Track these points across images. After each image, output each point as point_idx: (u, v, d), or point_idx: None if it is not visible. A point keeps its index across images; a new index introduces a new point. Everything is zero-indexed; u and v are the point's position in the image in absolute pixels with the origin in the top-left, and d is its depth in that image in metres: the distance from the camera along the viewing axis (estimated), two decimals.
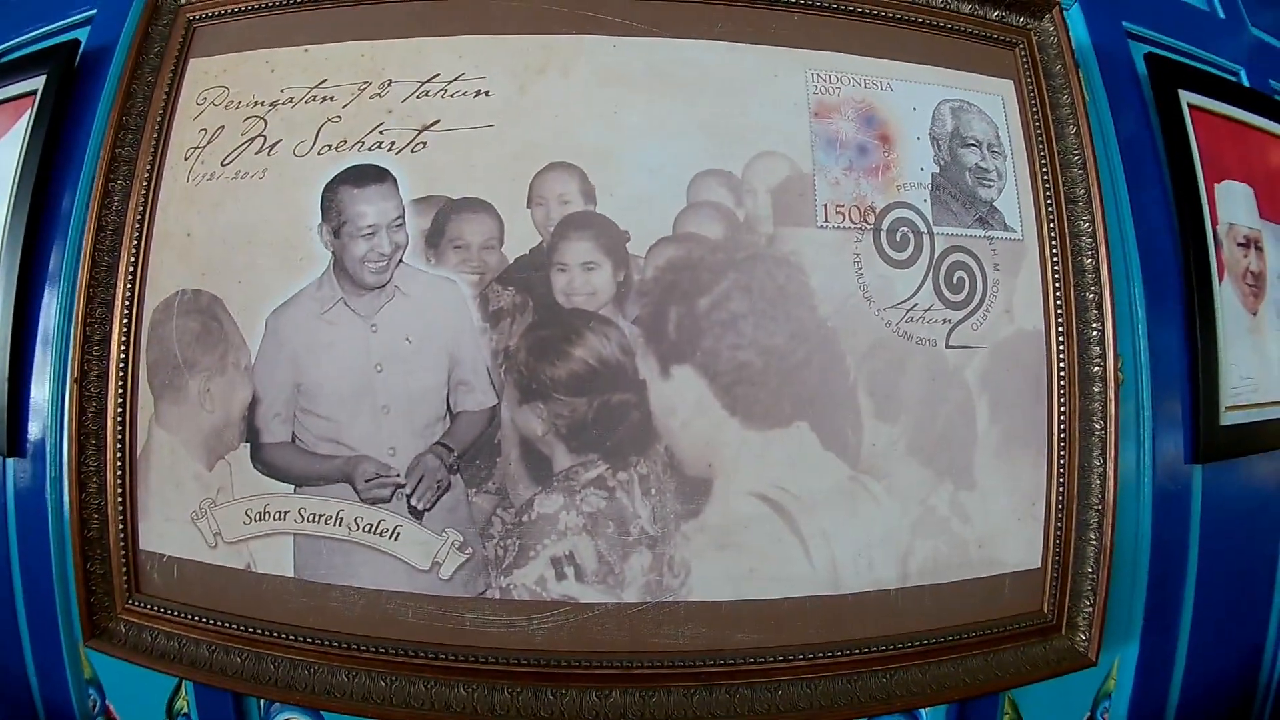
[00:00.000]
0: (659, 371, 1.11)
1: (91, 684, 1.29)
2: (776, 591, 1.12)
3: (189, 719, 1.25)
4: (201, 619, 1.15)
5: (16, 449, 1.27)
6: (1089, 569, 1.20)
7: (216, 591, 1.15)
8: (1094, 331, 1.22)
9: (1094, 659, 1.19)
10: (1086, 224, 1.24)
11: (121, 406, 1.18)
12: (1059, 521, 1.20)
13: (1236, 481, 1.40)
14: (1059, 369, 1.21)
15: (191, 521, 1.15)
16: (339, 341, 1.13)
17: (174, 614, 1.16)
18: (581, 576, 1.09)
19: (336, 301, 1.13)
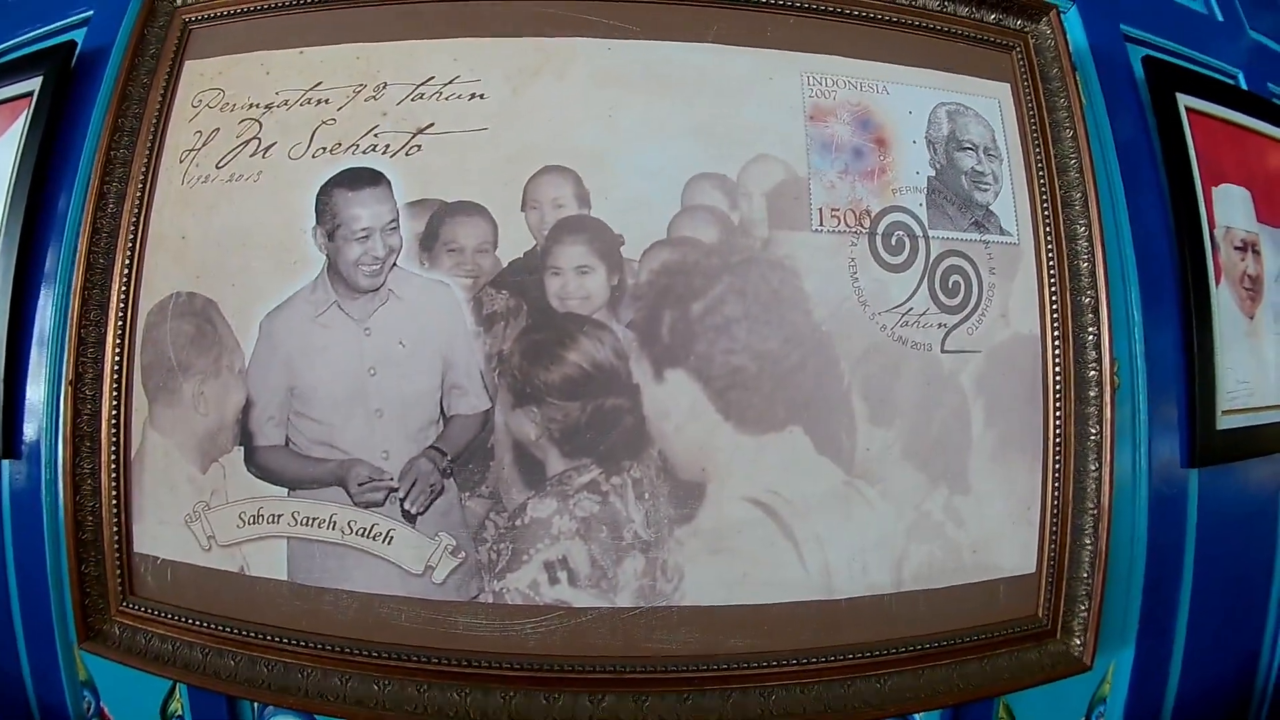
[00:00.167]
0: (653, 376, 1.11)
1: (86, 686, 1.29)
2: (770, 596, 1.11)
3: None
4: (195, 622, 1.15)
5: (12, 451, 1.26)
6: (1084, 574, 1.20)
7: (210, 594, 1.15)
8: (1090, 335, 1.22)
9: (1089, 664, 1.19)
10: (1083, 228, 1.23)
11: (116, 409, 1.17)
12: (1054, 526, 1.20)
13: (1233, 486, 1.40)
14: (1054, 373, 1.21)
15: (185, 524, 1.15)
16: (333, 345, 1.13)
17: (168, 617, 1.16)
18: (574, 581, 1.09)
19: (330, 305, 1.13)
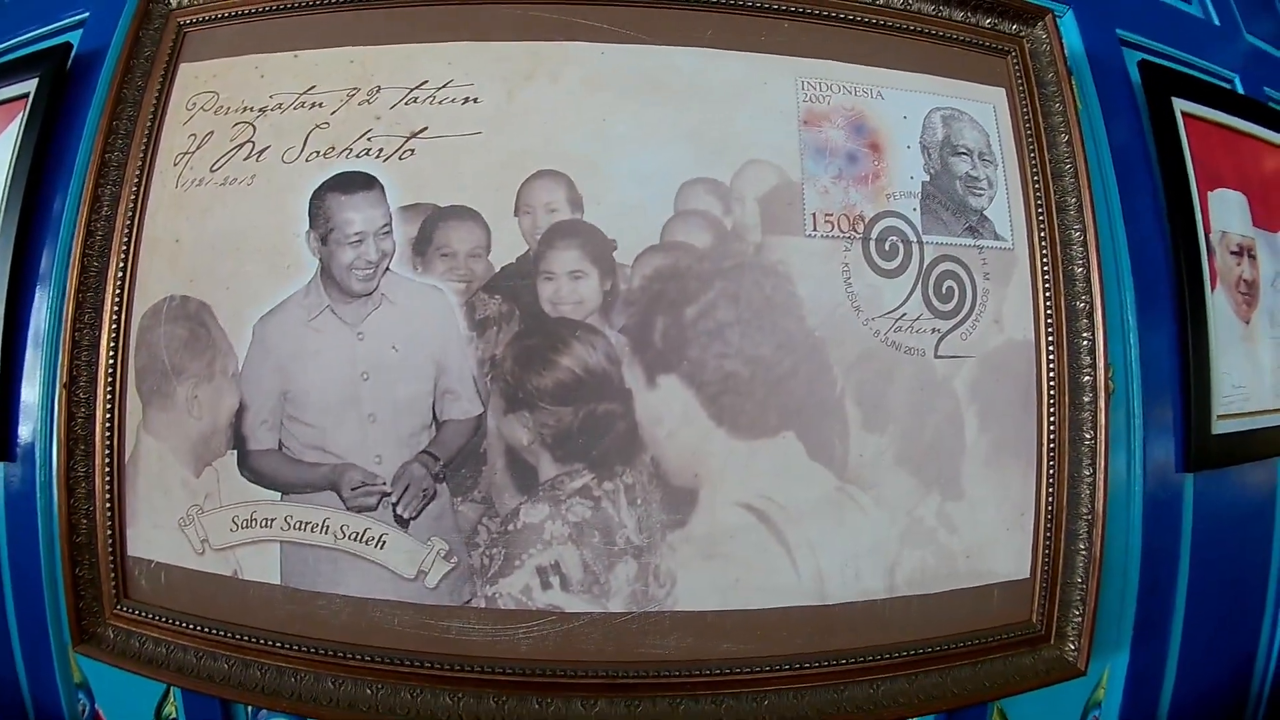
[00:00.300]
0: (645, 381, 1.11)
1: (81, 688, 1.29)
2: (763, 602, 1.11)
3: None
4: (189, 625, 1.15)
5: (7, 453, 1.27)
6: (1078, 579, 1.20)
7: (204, 598, 1.15)
8: (1084, 341, 1.21)
9: (1083, 669, 1.19)
10: (1077, 233, 1.23)
11: (110, 412, 1.17)
12: (1048, 531, 1.20)
13: (1228, 490, 1.40)
14: (1049, 378, 1.21)
15: (179, 528, 1.15)
16: (326, 349, 1.13)
17: (162, 620, 1.16)
18: (567, 586, 1.09)
19: (323, 309, 1.13)
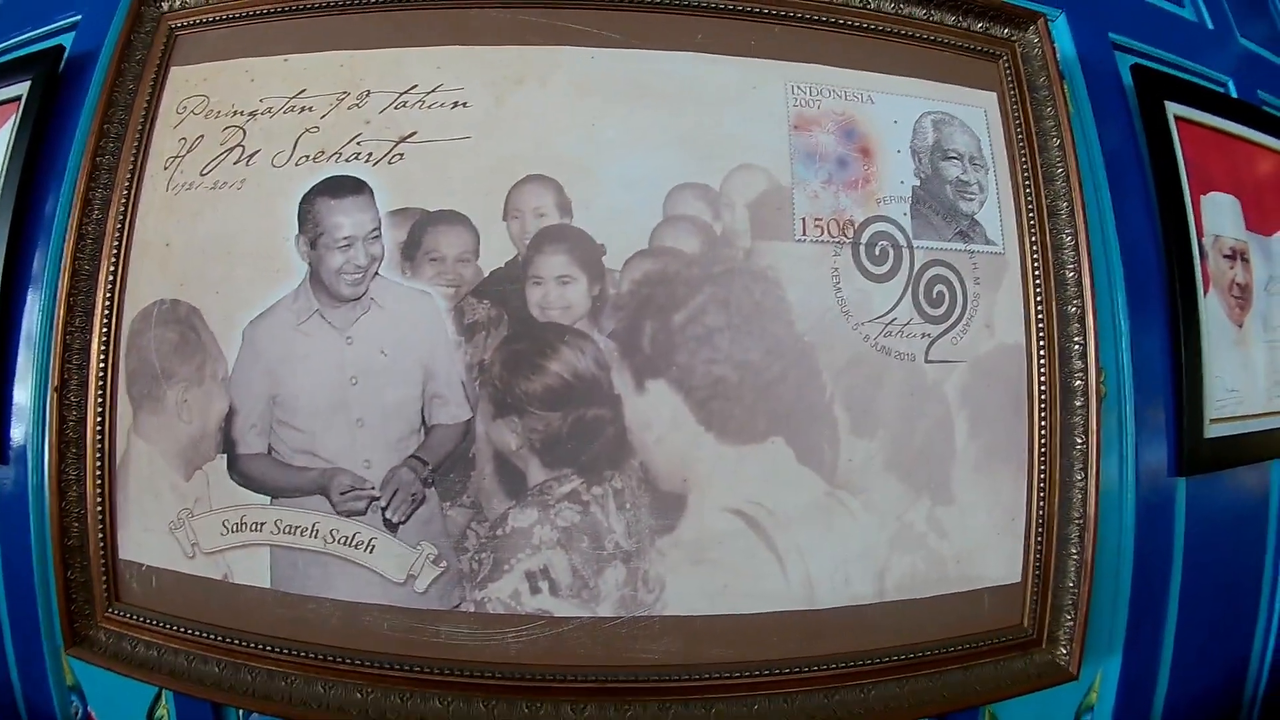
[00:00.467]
0: (634, 386, 1.11)
1: (74, 691, 1.29)
2: (751, 607, 1.11)
3: None
4: (180, 629, 1.15)
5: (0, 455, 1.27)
6: (1070, 583, 1.20)
7: (195, 602, 1.15)
8: (1076, 345, 1.21)
9: (1075, 673, 1.19)
10: (1069, 237, 1.23)
11: (101, 415, 1.18)
12: (1039, 536, 1.20)
13: (1221, 494, 1.40)
14: (1040, 383, 1.21)
15: (170, 531, 1.15)
16: (314, 354, 1.13)
17: (153, 623, 1.16)
18: (556, 591, 1.09)
19: (312, 313, 1.13)
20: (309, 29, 1.22)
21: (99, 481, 1.17)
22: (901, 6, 1.26)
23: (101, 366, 1.18)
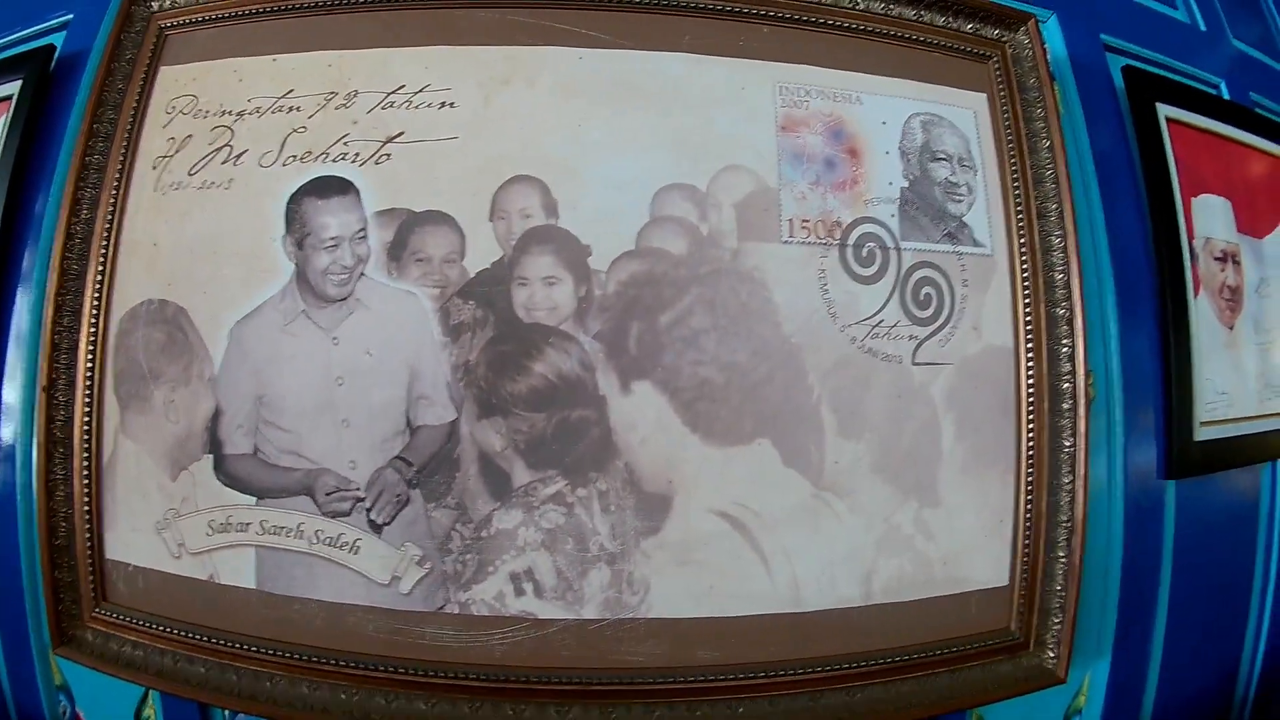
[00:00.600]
0: (619, 387, 1.10)
1: (62, 690, 1.29)
2: (737, 609, 1.11)
3: None
4: (166, 629, 1.15)
5: None
6: (1058, 586, 1.19)
7: (181, 602, 1.15)
8: (1064, 347, 1.21)
9: (1063, 676, 1.18)
10: (1058, 239, 1.22)
11: (89, 415, 1.17)
12: (1027, 538, 1.19)
13: (1211, 497, 1.40)
14: (1028, 385, 1.20)
15: (156, 532, 1.15)
16: (300, 354, 1.12)
17: (140, 623, 1.16)
18: (540, 592, 1.09)
19: (299, 314, 1.13)
20: (297, 29, 1.21)
21: (86, 481, 1.17)
22: (891, 7, 1.25)
23: (89, 366, 1.18)
